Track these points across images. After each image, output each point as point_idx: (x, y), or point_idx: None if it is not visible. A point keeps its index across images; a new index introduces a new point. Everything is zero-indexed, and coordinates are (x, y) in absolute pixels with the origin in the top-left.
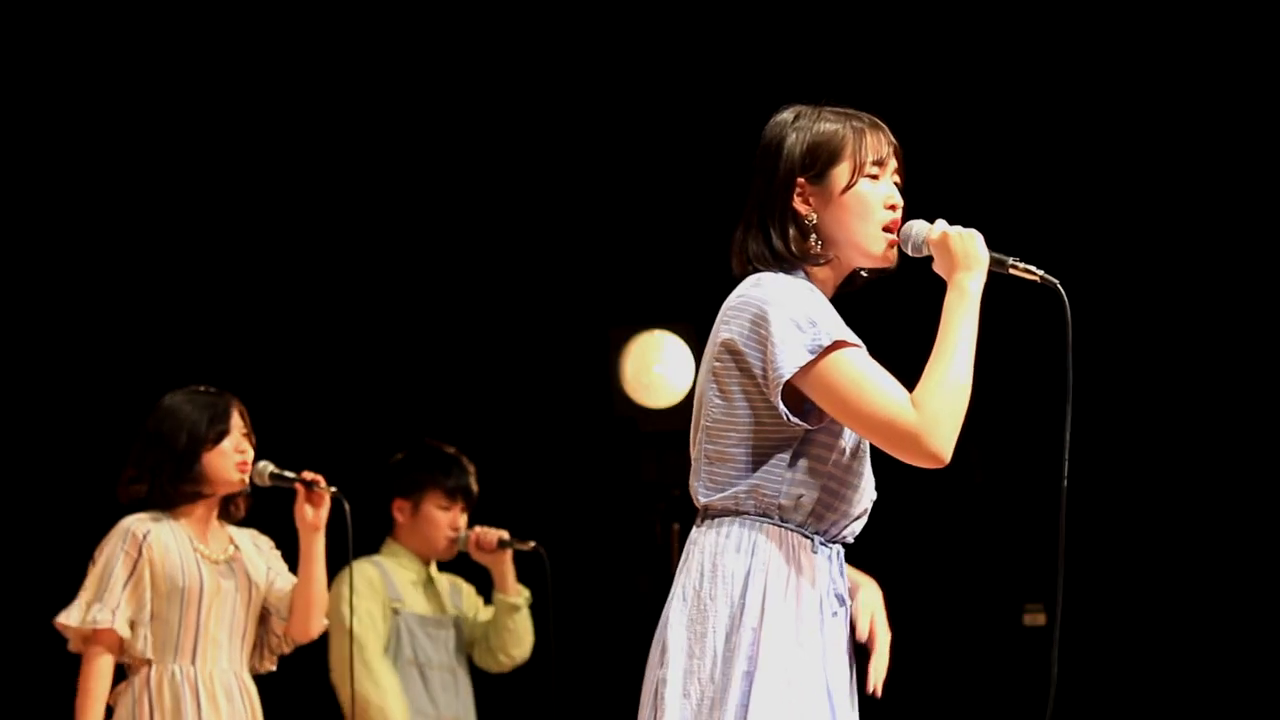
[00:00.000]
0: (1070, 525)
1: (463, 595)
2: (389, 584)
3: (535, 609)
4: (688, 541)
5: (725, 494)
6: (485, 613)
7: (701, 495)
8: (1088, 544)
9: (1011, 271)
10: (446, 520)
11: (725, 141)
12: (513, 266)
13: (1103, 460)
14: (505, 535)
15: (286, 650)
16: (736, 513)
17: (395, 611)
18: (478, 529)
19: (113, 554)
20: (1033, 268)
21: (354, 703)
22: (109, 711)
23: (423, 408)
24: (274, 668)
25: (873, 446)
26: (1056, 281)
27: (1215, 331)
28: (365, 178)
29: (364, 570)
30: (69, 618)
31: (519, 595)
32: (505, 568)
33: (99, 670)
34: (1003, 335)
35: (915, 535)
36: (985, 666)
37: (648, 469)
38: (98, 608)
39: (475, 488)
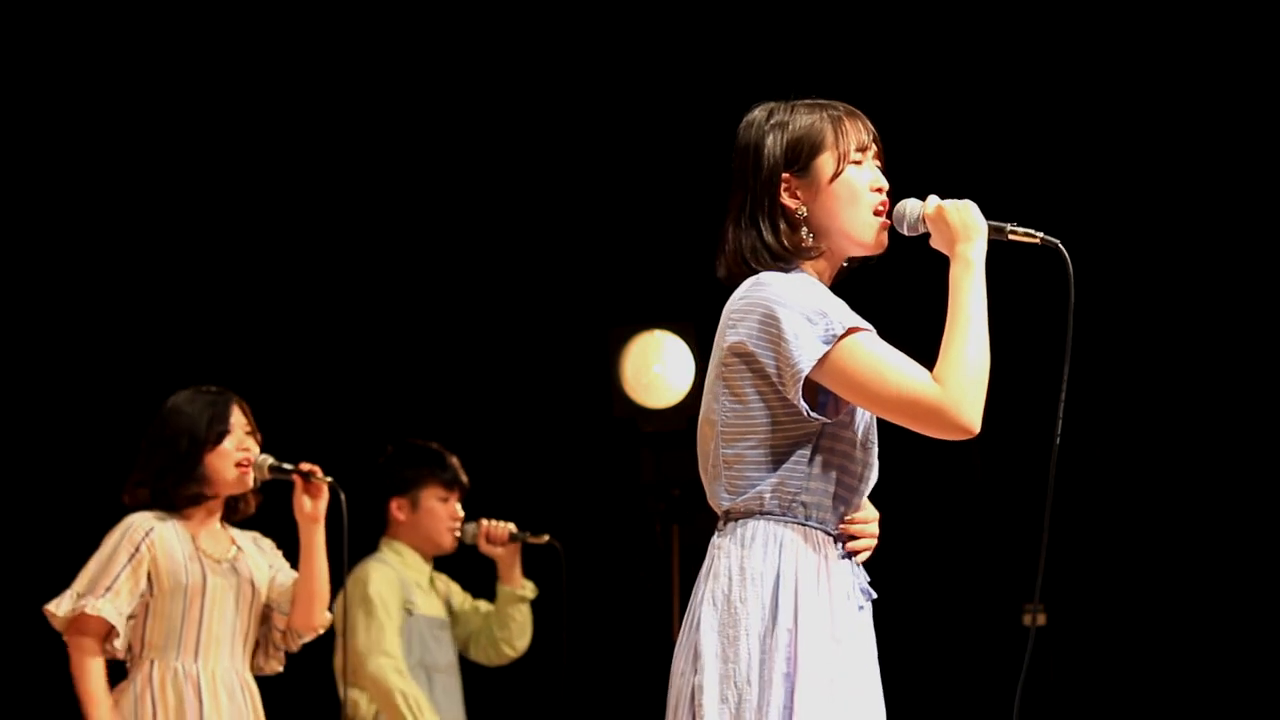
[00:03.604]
0: (1069, 526)
1: (452, 593)
2: (403, 585)
3: (550, 604)
4: (710, 546)
5: (747, 496)
6: (480, 607)
7: (723, 500)
8: (1087, 544)
9: (1010, 237)
10: (447, 512)
11: (725, 142)
12: (513, 267)
13: (1102, 461)
14: (514, 529)
15: (293, 647)
16: (760, 513)
17: (409, 613)
18: (485, 522)
19: (114, 547)
20: (1032, 230)
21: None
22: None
23: (424, 408)
24: (280, 668)
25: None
26: (1058, 242)
27: (1217, 326)
28: (366, 179)
29: (381, 570)
30: (58, 607)
31: (525, 588)
32: (514, 560)
33: (91, 670)
34: (1002, 335)
35: (915, 535)
36: (985, 666)
37: (648, 469)
38: (88, 598)
39: (465, 478)
